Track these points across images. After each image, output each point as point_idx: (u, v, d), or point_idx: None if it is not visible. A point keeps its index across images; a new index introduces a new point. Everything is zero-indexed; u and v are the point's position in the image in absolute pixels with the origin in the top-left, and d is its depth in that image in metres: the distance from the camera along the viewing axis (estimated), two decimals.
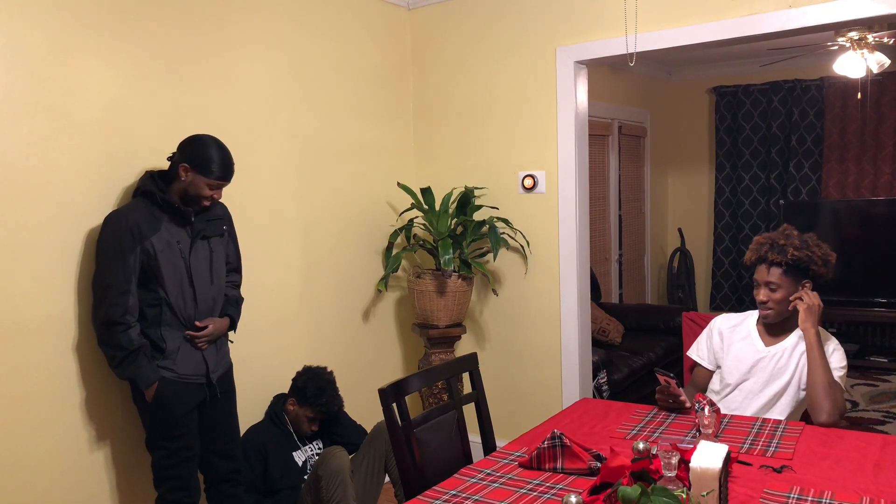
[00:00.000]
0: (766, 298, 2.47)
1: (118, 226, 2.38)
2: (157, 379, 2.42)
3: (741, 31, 3.00)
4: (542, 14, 3.52)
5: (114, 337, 2.36)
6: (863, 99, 5.62)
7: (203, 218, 2.57)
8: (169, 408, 2.45)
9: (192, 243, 2.52)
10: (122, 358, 2.38)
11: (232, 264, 2.76)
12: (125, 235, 2.36)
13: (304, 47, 3.34)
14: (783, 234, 2.49)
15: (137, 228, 2.38)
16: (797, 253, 2.42)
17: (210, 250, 2.59)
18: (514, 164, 3.68)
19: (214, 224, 2.62)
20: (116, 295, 2.35)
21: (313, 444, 3.09)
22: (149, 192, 2.45)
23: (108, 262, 2.39)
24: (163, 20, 2.74)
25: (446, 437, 2.35)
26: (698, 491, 1.61)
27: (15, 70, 2.33)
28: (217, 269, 2.62)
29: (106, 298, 2.37)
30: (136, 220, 2.39)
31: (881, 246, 5.71)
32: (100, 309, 2.39)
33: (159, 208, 2.45)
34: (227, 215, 2.73)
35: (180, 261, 2.48)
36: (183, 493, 2.50)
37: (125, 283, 2.36)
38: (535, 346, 3.71)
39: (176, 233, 2.48)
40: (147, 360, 2.40)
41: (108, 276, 2.37)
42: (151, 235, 2.40)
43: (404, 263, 3.86)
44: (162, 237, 2.43)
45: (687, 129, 6.85)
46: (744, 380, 2.52)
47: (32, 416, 2.40)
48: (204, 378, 2.55)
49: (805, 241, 2.46)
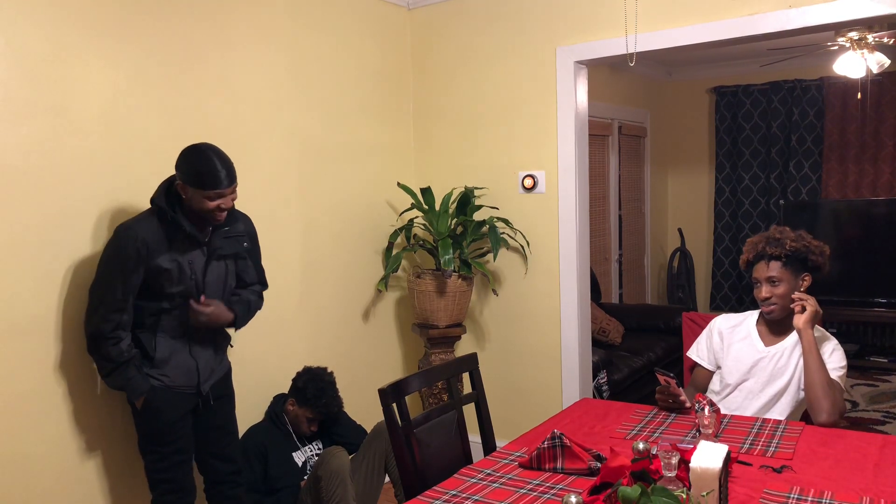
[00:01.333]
0: (769, 294, 2.46)
1: (126, 241, 2.30)
2: (146, 390, 2.38)
3: (741, 31, 3.00)
4: (542, 14, 3.52)
5: (102, 349, 2.34)
6: (863, 99, 5.62)
7: (222, 235, 2.47)
8: (160, 415, 2.42)
9: (206, 263, 2.44)
10: (112, 369, 2.35)
11: (249, 280, 2.66)
12: (131, 253, 2.29)
13: (304, 47, 3.34)
14: (776, 231, 2.52)
15: (145, 247, 2.30)
16: (794, 244, 2.44)
17: (226, 270, 2.50)
18: (514, 164, 3.68)
19: (233, 242, 2.51)
20: (110, 311, 2.31)
21: (313, 445, 3.09)
22: (162, 209, 2.35)
23: (108, 276, 2.34)
24: (163, 20, 2.74)
25: (446, 437, 2.35)
26: (698, 491, 1.60)
27: (15, 70, 2.33)
28: (230, 291, 2.55)
29: (98, 311, 2.33)
30: (146, 238, 2.30)
31: (881, 246, 5.71)
32: (91, 319, 2.36)
33: (171, 226, 2.36)
34: (251, 231, 2.61)
35: (189, 281, 2.40)
36: (177, 496, 2.49)
37: (121, 301, 2.31)
38: (535, 346, 3.71)
39: (189, 253, 2.39)
40: (137, 370, 2.36)
41: (105, 291, 2.33)
42: (159, 256, 2.33)
43: (404, 263, 3.86)
44: (172, 258, 2.35)
45: (687, 129, 6.84)
46: (744, 380, 2.52)
47: (27, 419, 2.39)
48: (194, 388, 2.51)
49: (799, 234, 2.49)
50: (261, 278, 2.73)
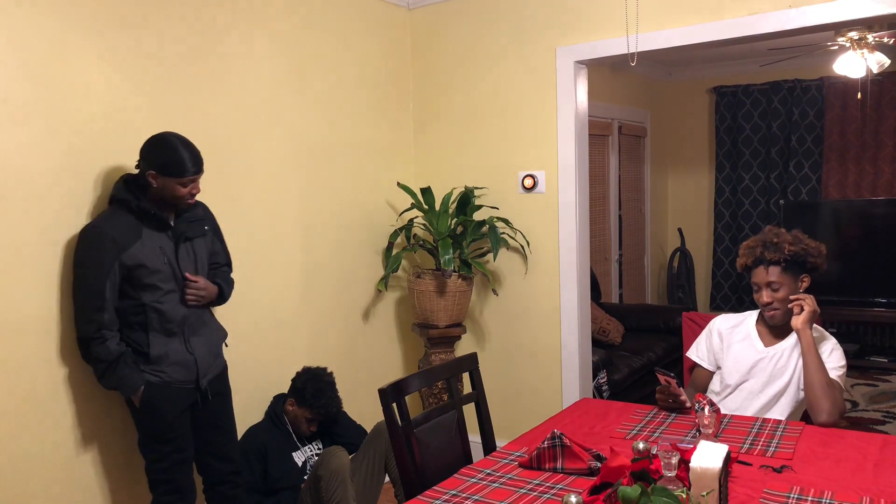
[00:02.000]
0: (770, 299, 2.46)
1: (95, 240, 2.34)
2: (141, 385, 2.39)
3: (741, 31, 3.00)
4: (542, 14, 3.52)
5: (91, 351, 2.36)
6: (863, 99, 5.62)
7: (184, 219, 2.52)
8: (158, 412, 2.43)
9: (175, 247, 2.48)
10: (104, 370, 2.36)
11: (221, 262, 2.73)
12: (102, 250, 2.32)
13: (304, 47, 3.34)
14: (772, 234, 2.49)
15: (114, 242, 2.32)
16: (793, 248, 2.43)
17: (194, 252, 2.55)
18: (514, 164, 3.68)
19: (195, 225, 2.57)
20: (91, 311, 2.33)
21: (313, 445, 3.09)
22: (124, 201, 2.39)
23: (83, 278, 2.36)
24: (162, 21, 2.74)
25: (446, 437, 2.35)
26: (698, 491, 1.61)
27: (15, 70, 2.33)
28: (202, 270, 2.59)
29: (81, 314, 2.36)
30: (113, 234, 2.33)
31: (881, 246, 5.71)
32: (77, 323, 2.39)
33: (136, 216, 2.39)
34: (209, 215, 2.68)
35: (166, 267, 2.43)
36: (177, 496, 2.49)
37: (100, 300, 2.32)
38: (535, 346, 3.71)
39: (158, 239, 2.43)
40: (129, 366, 2.37)
41: (83, 293, 2.35)
42: (130, 246, 2.35)
43: (404, 263, 3.86)
44: (144, 245, 2.38)
45: (687, 129, 6.85)
46: (744, 380, 2.52)
47: (26, 419, 2.39)
48: (193, 384, 2.52)
49: (795, 235, 2.48)
50: (227, 259, 2.78)
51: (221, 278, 2.68)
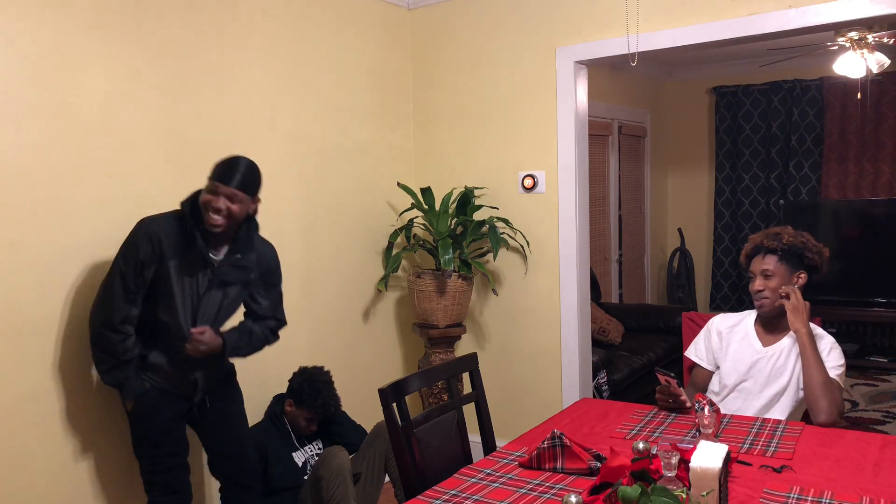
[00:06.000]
0: (761, 287, 2.47)
1: (142, 234, 2.29)
2: (141, 393, 2.37)
3: (741, 31, 3.00)
4: (543, 14, 3.52)
5: (109, 343, 2.31)
6: (863, 99, 5.62)
7: (231, 261, 2.40)
8: (151, 418, 2.41)
9: (207, 288, 2.39)
10: (112, 365, 2.34)
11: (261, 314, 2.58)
12: (146, 246, 2.28)
13: (304, 47, 3.34)
14: (777, 227, 2.55)
15: (159, 243, 2.28)
16: (792, 239, 2.46)
17: (223, 299, 2.44)
18: (514, 164, 3.68)
19: (240, 271, 2.43)
20: (121, 300, 2.29)
21: (313, 445, 3.09)
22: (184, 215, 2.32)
23: (122, 266, 2.31)
24: (163, 21, 2.74)
25: (446, 437, 2.34)
26: (698, 491, 1.60)
27: (15, 70, 2.33)
28: (221, 319, 2.49)
29: (111, 301, 2.30)
30: (160, 235, 2.28)
31: (881, 246, 5.71)
32: (101, 309, 2.33)
33: (188, 236, 2.31)
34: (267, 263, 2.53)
35: (188, 298, 2.37)
36: (172, 498, 2.48)
37: (133, 293, 2.29)
38: (535, 346, 3.71)
39: (194, 270, 2.35)
40: (135, 371, 2.36)
41: (118, 280, 2.30)
42: (170, 259, 2.30)
43: (404, 263, 3.86)
44: (181, 267, 2.32)
45: (687, 129, 6.84)
46: (742, 381, 2.52)
47: (25, 419, 2.39)
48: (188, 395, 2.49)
49: (800, 232, 2.51)
50: (276, 313, 2.63)
51: (238, 332, 2.53)
